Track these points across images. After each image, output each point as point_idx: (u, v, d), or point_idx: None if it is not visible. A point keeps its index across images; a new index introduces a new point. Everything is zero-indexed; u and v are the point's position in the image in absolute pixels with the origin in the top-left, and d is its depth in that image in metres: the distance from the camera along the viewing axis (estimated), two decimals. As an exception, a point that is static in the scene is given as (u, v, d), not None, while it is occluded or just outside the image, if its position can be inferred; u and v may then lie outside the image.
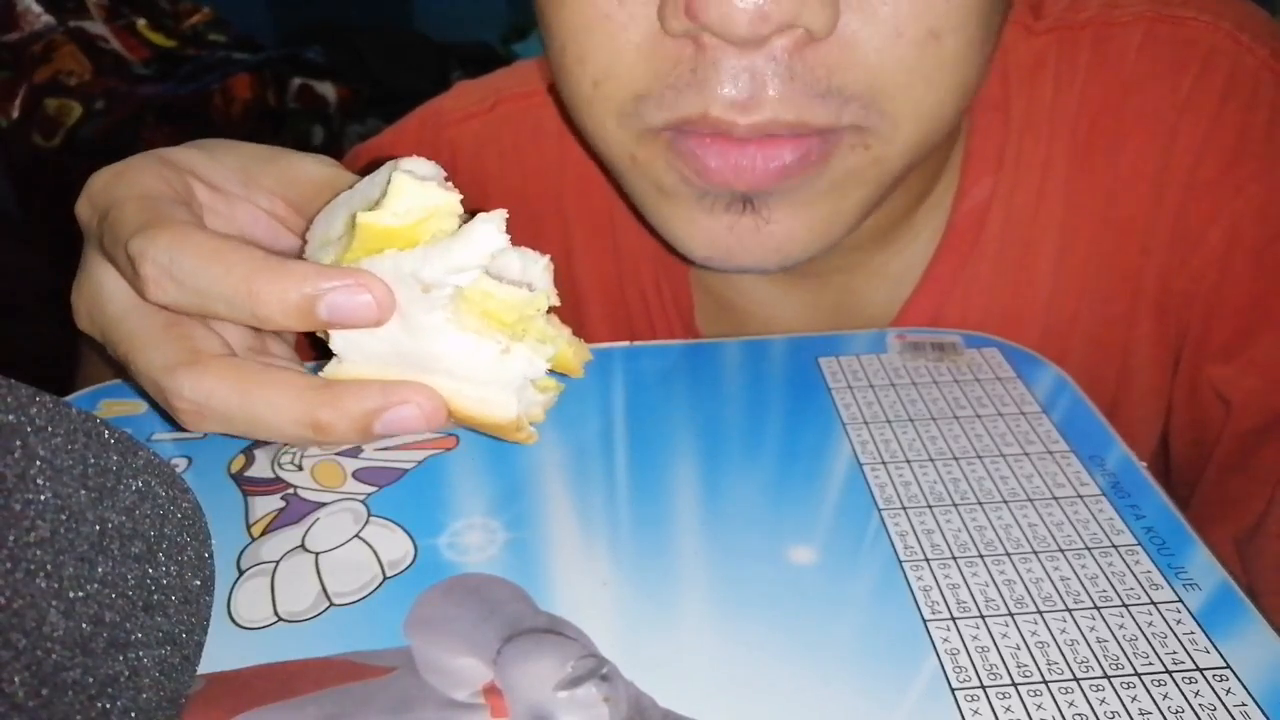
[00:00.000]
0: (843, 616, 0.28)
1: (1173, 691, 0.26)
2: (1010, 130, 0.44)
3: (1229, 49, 0.42)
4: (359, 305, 0.27)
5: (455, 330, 0.28)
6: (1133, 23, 0.43)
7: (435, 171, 0.30)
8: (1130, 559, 0.30)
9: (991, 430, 0.36)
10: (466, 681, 0.26)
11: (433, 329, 0.28)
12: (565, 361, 0.32)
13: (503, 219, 0.28)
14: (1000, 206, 0.45)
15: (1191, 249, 0.43)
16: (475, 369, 0.29)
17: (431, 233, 0.28)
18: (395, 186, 0.28)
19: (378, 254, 0.28)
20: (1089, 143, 0.44)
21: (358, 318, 0.27)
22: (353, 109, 2.16)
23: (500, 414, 0.29)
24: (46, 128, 1.98)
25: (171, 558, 0.26)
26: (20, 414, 0.23)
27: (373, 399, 0.28)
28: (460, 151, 0.53)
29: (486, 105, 0.53)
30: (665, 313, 0.51)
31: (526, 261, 0.30)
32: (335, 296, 0.27)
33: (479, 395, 0.29)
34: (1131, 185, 0.43)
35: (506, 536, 0.31)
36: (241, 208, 0.33)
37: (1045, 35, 0.44)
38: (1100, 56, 0.43)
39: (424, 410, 0.28)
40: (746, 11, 0.29)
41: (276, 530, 0.32)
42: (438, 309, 0.28)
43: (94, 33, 2.10)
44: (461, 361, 0.28)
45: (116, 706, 0.24)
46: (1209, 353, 0.43)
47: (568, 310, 0.53)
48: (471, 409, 0.29)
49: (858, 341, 0.41)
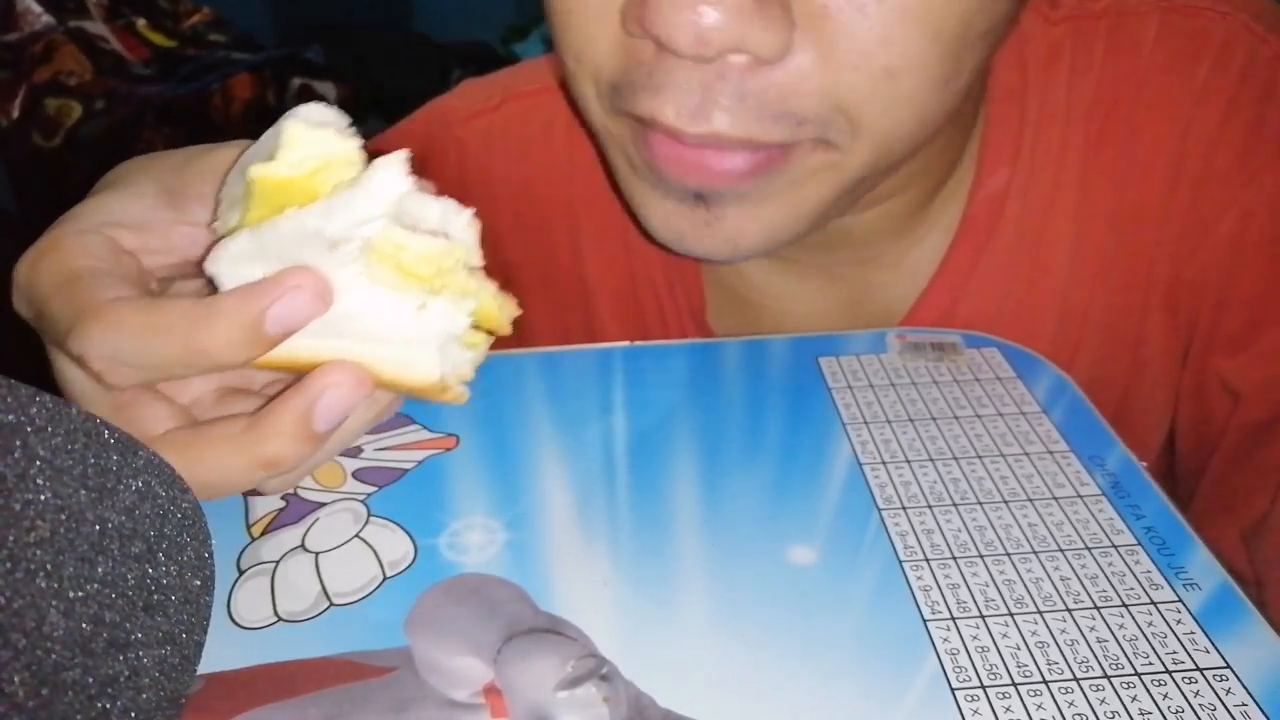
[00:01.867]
0: (843, 616, 0.28)
1: (1173, 691, 0.26)
2: (1027, 121, 0.44)
3: (1244, 40, 0.42)
4: (301, 306, 0.27)
5: (368, 286, 0.27)
6: (1148, 13, 0.43)
7: (334, 118, 0.28)
8: (1130, 559, 0.30)
9: (991, 430, 0.36)
10: (466, 681, 0.26)
11: (344, 287, 0.27)
12: (489, 316, 0.30)
13: (404, 160, 0.27)
14: (1016, 197, 0.45)
15: (1203, 239, 0.43)
16: (392, 327, 0.27)
17: (332, 184, 0.27)
18: (287, 135, 0.27)
19: (278, 214, 0.26)
20: (1104, 133, 0.44)
21: (307, 315, 0.27)
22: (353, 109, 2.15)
23: (423, 375, 0.28)
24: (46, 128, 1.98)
25: (171, 558, 0.26)
26: (20, 414, 0.23)
27: (297, 405, 0.27)
28: (468, 150, 0.52)
29: (494, 103, 0.52)
30: (677, 309, 0.51)
31: (447, 212, 0.29)
32: (275, 310, 0.26)
33: (399, 358, 0.28)
34: (1146, 175, 0.43)
35: (506, 536, 0.31)
36: (176, 232, 0.32)
37: (1062, 25, 0.44)
38: (1115, 47, 0.43)
39: (345, 385, 0.28)
40: (687, 33, 0.29)
41: (276, 530, 0.32)
42: (347, 264, 0.27)
43: (94, 33, 2.10)
44: (377, 320, 0.27)
45: (116, 706, 0.24)
46: (1218, 344, 0.43)
47: (579, 310, 0.54)
48: (393, 372, 0.28)
49: (858, 341, 0.41)
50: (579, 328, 0.53)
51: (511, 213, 0.52)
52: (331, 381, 0.28)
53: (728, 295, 0.50)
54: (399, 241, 0.27)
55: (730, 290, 0.50)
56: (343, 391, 0.28)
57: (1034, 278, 0.45)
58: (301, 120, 0.27)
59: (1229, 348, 0.43)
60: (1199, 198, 0.43)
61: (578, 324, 0.53)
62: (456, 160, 0.52)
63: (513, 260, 0.53)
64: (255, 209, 0.27)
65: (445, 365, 0.28)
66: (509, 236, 0.53)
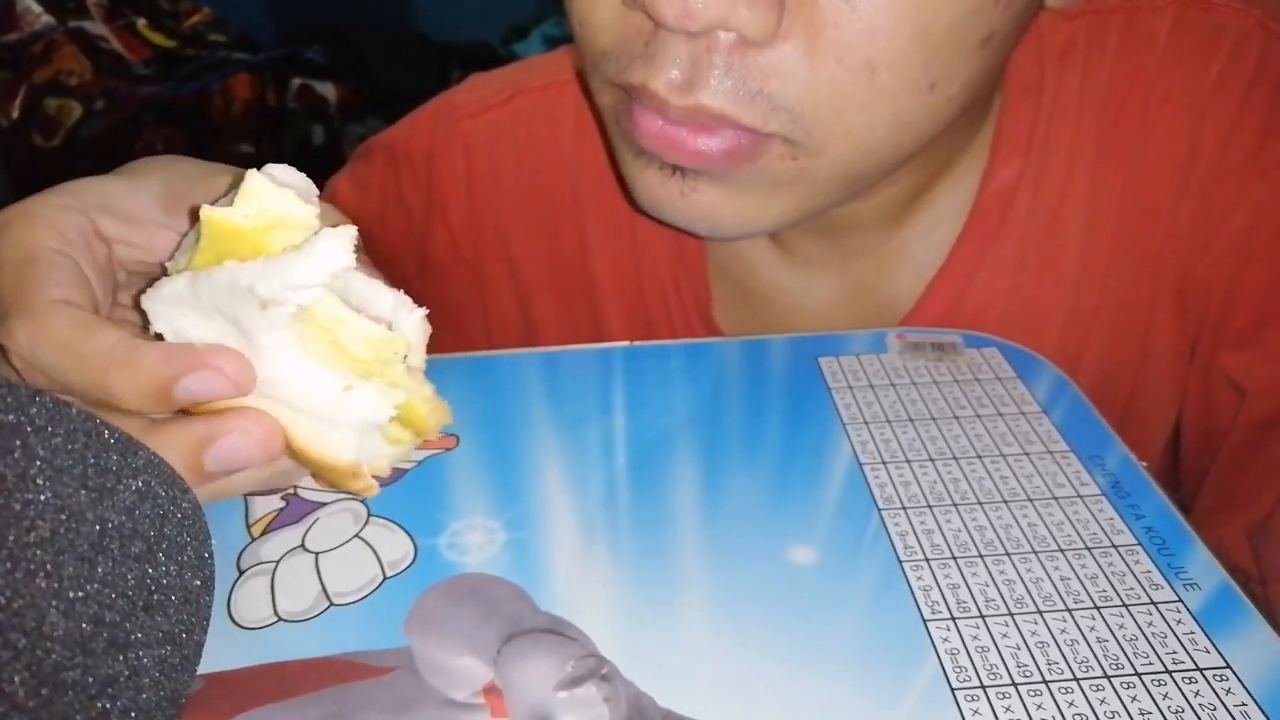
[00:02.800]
0: (843, 616, 0.28)
1: (1173, 691, 0.26)
2: (1041, 113, 0.44)
3: (1258, 36, 0.42)
4: (215, 387, 0.27)
5: (297, 355, 0.27)
6: (1163, 8, 0.43)
7: (301, 183, 0.28)
8: (1130, 559, 0.30)
9: (991, 430, 0.36)
10: (466, 681, 0.26)
11: (272, 350, 0.27)
12: (418, 418, 0.29)
13: (351, 237, 0.26)
14: (1027, 189, 0.45)
15: (1214, 234, 0.43)
16: (314, 402, 0.27)
17: (282, 245, 0.27)
18: (247, 186, 0.27)
19: (217, 265, 0.26)
20: (1116, 127, 0.44)
21: (214, 395, 0.27)
22: (353, 109, 2.15)
23: (336, 454, 0.28)
24: (46, 128, 1.98)
25: (171, 558, 0.26)
26: (20, 414, 0.23)
27: (198, 432, 0.27)
28: (475, 145, 0.52)
29: (502, 98, 0.52)
30: (683, 305, 0.51)
31: (399, 305, 0.28)
32: (188, 382, 0.26)
33: (318, 429, 0.27)
34: (1157, 170, 0.43)
35: (506, 536, 0.31)
36: (161, 235, 0.32)
37: (1077, 20, 0.44)
38: (1129, 41, 0.43)
39: (254, 438, 0.27)
40: (675, 6, 0.30)
41: (276, 530, 0.32)
42: (276, 329, 0.26)
43: (94, 33, 2.10)
44: (300, 391, 0.27)
45: (116, 706, 0.24)
46: (1225, 340, 0.43)
47: (584, 305, 0.54)
48: (308, 442, 0.28)
49: (858, 341, 0.41)
50: (585, 323, 0.53)
51: (518, 208, 0.52)
52: (240, 428, 0.27)
53: (734, 289, 0.50)
54: (339, 316, 0.27)
55: (737, 284, 0.50)
56: (248, 444, 0.27)
57: (1043, 272, 0.45)
58: (267, 175, 0.27)
59: (1236, 344, 0.43)
60: (1210, 193, 0.43)
61: (584, 319, 0.53)
62: (464, 155, 0.52)
63: (519, 255, 0.53)
64: (203, 252, 0.27)
65: (362, 453, 0.28)
66: (516, 232, 0.53)
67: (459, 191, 0.53)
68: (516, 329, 0.55)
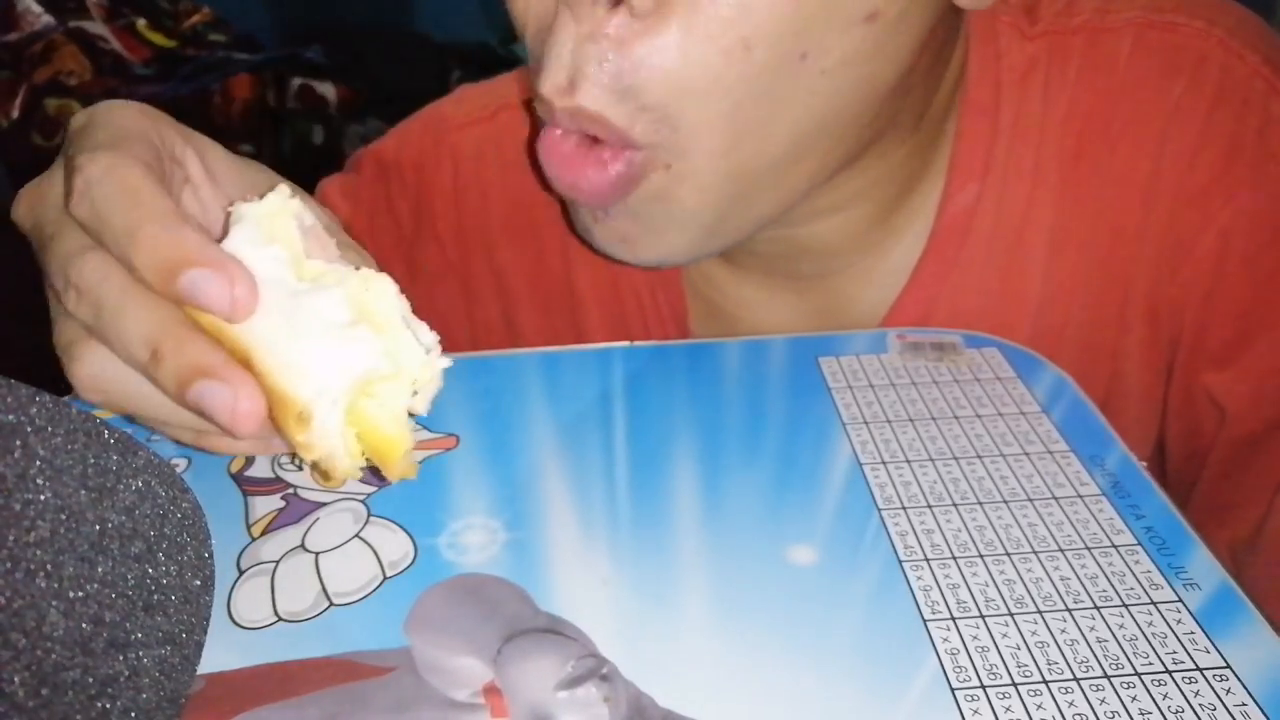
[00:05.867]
0: (843, 616, 0.28)
1: (1173, 691, 0.26)
2: (999, 135, 0.44)
3: (1220, 55, 0.42)
4: (215, 295, 0.26)
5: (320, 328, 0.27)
6: (1124, 28, 0.43)
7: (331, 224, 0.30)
8: (1130, 559, 0.30)
9: (991, 430, 0.36)
10: (466, 681, 0.26)
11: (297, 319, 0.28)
12: (387, 452, 0.29)
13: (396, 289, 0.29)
14: (988, 211, 0.45)
15: (1183, 257, 0.43)
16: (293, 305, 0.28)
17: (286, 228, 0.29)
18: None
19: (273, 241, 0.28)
20: (1079, 149, 0.44)
21: (210, 305, 0.27)
22: (353, 109, 2.16)
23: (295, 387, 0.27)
24: (46, 128, 1.98)
25: (171, 558, 0.26)
26: (20, 414, 0.23)
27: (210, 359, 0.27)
28: (462, 157, 0.53)
29: (488, 112, 0.53)
30: (660, 318, 0.51)
31: (434, 345, 0.30)
32: (196, 274, 0.26)
33: (297, 363, 0.27)
34: (1122, 192, 0.43)
35: (506, 536, 0.31)
36: (217, 207, 0.33)
37: (1038, 40, 0.44)
38: (1091, 62, 0.43)
39: (239, 405, 0.27)
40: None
41: (276, 530, 0.32)
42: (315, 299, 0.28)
43: (94, 33, 2.10)
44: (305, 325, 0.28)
45: (116, 706, 0.24)
46: (1203, 359, 0.43)
47: (567, 316, 0.54)
48: (270, 364, 0.27)
49: (858, 341, 0.41)
50: (567, 333, 0.54)
51: (503, 219, 0.53)
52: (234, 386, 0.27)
53: (705, 305, 0.51)
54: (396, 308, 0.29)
55: (707, 300, 0.51)
56: (228, 400, 0.27)
57: (1006, 291, 0.45)
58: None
59: (1215, 363, 0.43)
60: (1177, 216, 0.43)
61: (566, 329, 0.54)
62: (451, 166, 0.53)
63: (505, 265, 0.54)
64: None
65: (320, 407, 0.27)
66: (501, 242, 0.53)
67: (447, 201, 0.53)
68: (501, 337, 0.55)
